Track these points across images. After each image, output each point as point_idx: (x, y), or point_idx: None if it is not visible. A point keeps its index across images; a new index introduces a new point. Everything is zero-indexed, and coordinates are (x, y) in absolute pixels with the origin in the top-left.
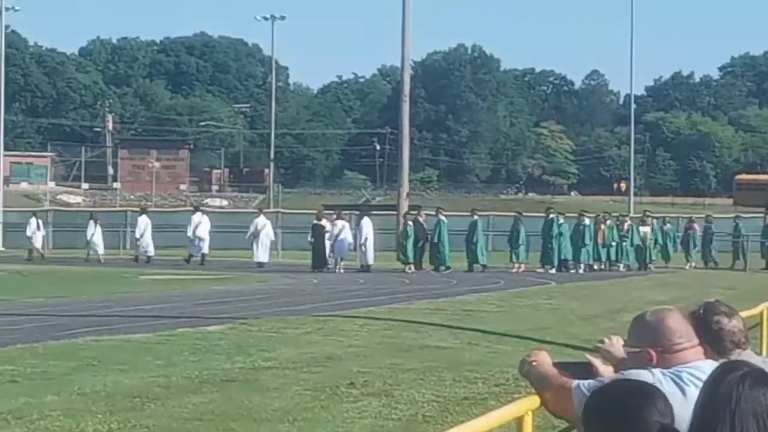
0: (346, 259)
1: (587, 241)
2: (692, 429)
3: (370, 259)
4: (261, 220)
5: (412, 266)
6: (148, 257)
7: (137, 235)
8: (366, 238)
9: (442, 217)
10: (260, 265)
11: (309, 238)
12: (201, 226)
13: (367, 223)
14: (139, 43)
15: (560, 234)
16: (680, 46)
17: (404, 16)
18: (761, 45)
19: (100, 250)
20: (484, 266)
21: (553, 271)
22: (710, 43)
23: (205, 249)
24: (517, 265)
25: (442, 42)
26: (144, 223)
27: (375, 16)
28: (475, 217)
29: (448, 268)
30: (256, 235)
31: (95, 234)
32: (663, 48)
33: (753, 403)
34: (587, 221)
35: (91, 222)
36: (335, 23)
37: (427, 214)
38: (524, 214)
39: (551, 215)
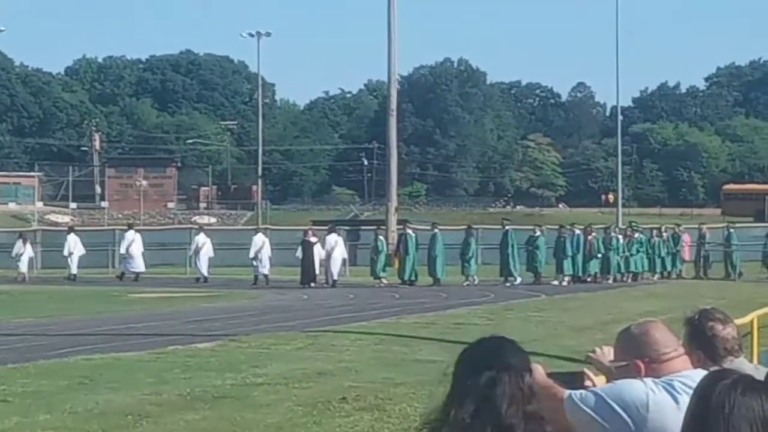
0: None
1: (568, 252)
2: None
3: (335, 274)
4: (201, 238)
5: (384, 280)
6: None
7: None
8: (329, 254)
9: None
10: (198, 280)
11: (297, 254)
12: (134, 244)
13: (332, 239)
14: (125, 62)
15: (536, 247)
16: (666, 57)
17: (390, 30)
18: (747, 55)
19: (24, 267)
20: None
21: (518, 282)
22: (696, 54)
23: (141, 267)
24: (470, 279)
25: (428, 56)
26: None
27: (361, 32)
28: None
29: (412, 282)
30: (197, 251)
31: (24, 253)
32: (649, 59)
33: (746, 409)
34: (577, 232)
35: (19, 241)
36: (321, 39)
37: (419, 229)
38: (512, 227)
39: (507, 227)
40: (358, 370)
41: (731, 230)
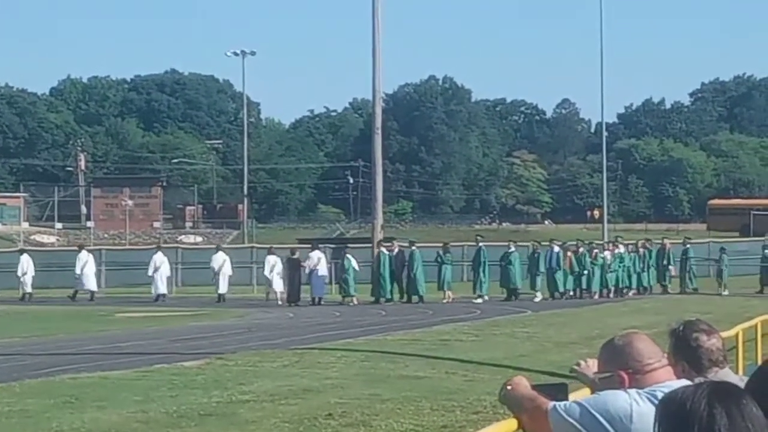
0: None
1: (542, 268)
2: None
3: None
4: (159, 257)
5: (354, 300)
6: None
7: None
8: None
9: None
10: (157, 298)
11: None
12: (87, 264)
13: (315, 256)
14: (110, 82)
15: (510, 262)
16: (650, 73)
17: (374, 49)
18: (731, 70)
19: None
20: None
21: (485, 299)
22: (680, 70)
23: (93, 287)
24: (448, 295)
25: (413, 74)
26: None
27: (345, 50)
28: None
29: (389, 300)
30: (156, 269)
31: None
32: (633, 75)
33: (730, 417)
34: (556, 249)
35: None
36: (306, 58)
37: (400, 245)
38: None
39: (480, 243)
40: (344, 386)
41: (688, 245)
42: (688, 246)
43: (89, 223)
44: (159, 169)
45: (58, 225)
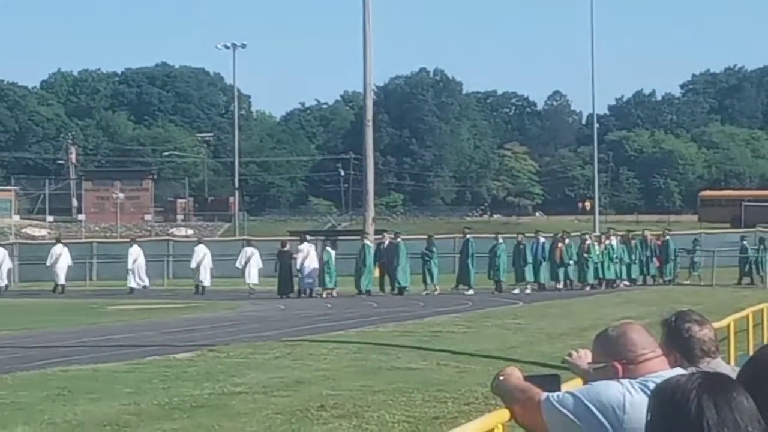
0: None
1: (528, 260)
2: None
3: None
4: (135, 249)
5: (334, 292)
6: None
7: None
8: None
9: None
10: (131, 291)
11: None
12: (61, 257)
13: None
14: (101, 75)
15: (496, 255)
16: (641, 64)
17: (365, 41)
18: (722, 62)
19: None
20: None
21: (471, 292)
22: (671, 62)
23: (61, 280)
24: (431, 287)
25: (404, 66)
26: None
27: (336, 43)
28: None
29: (368, 292)
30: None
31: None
32: (624, 67)
33: (719, 410)
34: (542, 240)
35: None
36: (296, 50)
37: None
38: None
39: (467, 235)
40: (335, 378)
41: (668, 237)
42: (668, 238)
43: (80, 216)
44: (150, 162)
45: (50, 218)
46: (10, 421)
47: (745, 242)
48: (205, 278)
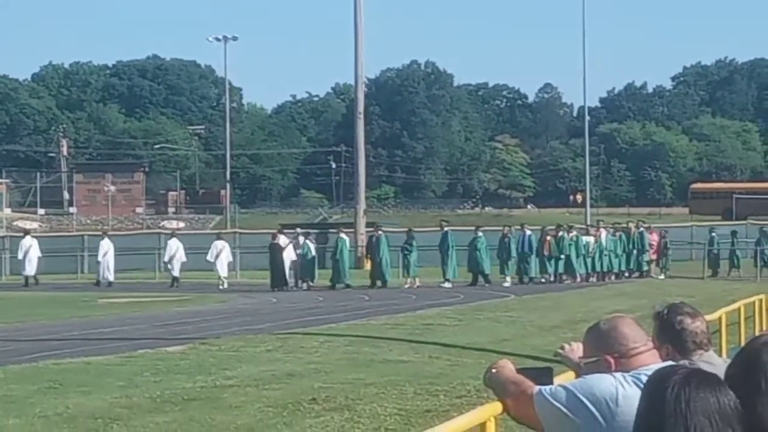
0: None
1: (513, 253)
2: None
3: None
4: (106, 243)
5: (309, 283)
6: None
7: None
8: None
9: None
10: (97, 282)
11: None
12: (31, 249)
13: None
14: (92, 68)
15: (476, 248)
16: (633, 57)
17: (356, 33)
18: (713, 54)
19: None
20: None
21: (449, 285)
22: (662, 54)
23: (31, 272)
24: (410, 281)
25: (395, 59)
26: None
27: (327, 35)
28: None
29: (348, 285)
30: (104, 255)
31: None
32: (615, 59)
33: (703, 403)
34: (528, 233)
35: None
36: (288, 43)
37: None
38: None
39: (445, 228)
40: (327, 371)
41: (642, 229)
42: (642, 230)
43: (72, 209)
44: (141, 154)
45: (41, 211)
46: (1, 414)
47: (713, 234)
48: (176, 270)
